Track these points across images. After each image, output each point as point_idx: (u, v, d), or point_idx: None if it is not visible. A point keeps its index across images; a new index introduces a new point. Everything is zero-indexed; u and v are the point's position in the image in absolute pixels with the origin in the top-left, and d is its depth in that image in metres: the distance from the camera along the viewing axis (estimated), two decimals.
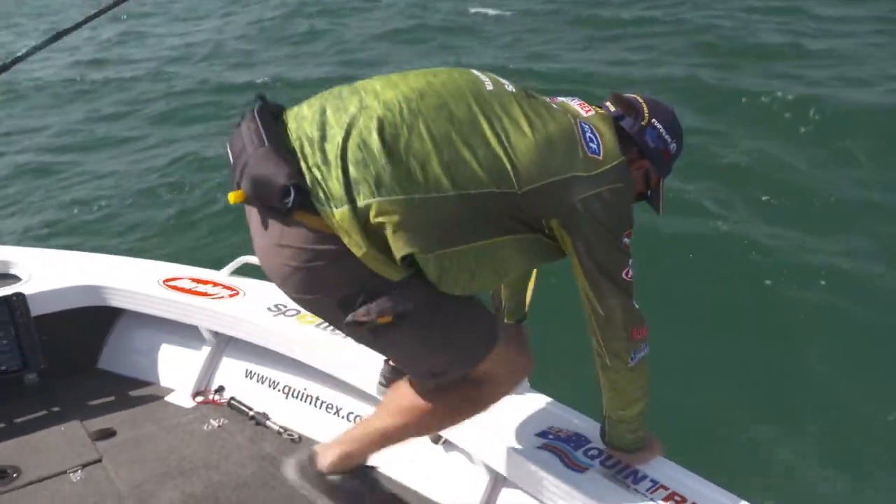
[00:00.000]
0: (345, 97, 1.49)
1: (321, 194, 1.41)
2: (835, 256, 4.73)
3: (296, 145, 1.45)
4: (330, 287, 1.48)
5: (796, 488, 3.12)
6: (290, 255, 1.46)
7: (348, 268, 1.44)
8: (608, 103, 1.69)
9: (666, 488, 1.68)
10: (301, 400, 2.43)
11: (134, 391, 2.61)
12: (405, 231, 1.40)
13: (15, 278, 2.72)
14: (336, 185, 1.40)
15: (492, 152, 1.45)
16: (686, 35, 10.05)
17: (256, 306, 2.49)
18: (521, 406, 1.98)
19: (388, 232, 1.40)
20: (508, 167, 1.45)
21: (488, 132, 1.46)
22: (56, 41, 2.14)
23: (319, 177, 1.42)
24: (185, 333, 2.67)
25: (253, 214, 1.51)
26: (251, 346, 2.50)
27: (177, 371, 2.66)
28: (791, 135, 6.66)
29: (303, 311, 2.23)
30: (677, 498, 1.66)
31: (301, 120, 1.49)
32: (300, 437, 2.33)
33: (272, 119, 1.50)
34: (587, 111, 1.62)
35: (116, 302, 2.68)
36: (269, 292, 2.53)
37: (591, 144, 1.53)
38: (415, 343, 1.57)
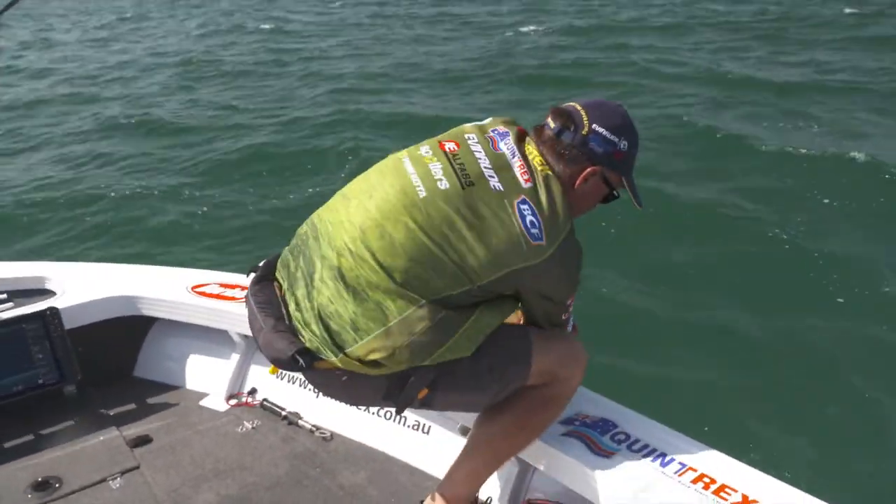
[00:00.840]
0: (310, 248, 1.67)
1: (319, 348, 1.62)
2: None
3: (288, 308, 1.69)
4: (371, 395, 1.71)
5: (827, 470, 3.09)
6: (333, 392, 1.75)
7: (373, 379, 1.64)
8: (549, 119, 1.67)
9: (695, 470, 1.67)
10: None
11: (168, 397, 2.66)
12: (396, 355, 1.55)
13: (50, 293, 2.79)
14: (325, 339, 1.61)
15: (440, 263, 1.53)
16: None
17: None
18: None
19: (382, 362, 1.56)
20: (460, 272, 1.54)
21: (432, 247, 1.53)
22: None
23: (311, 335, 1.63)
24: (216, 338, 2.71)
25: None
26: None
27: (209, 375, 2.70)
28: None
29: None
30: (707, 479, 1.64)
31: (286, 281, 1.72)
32: (332, 434, 2.36)
33: (265, 289, 1.75)
34: (527, 180, 1.57)
35: (148, 310, 2.73)
36: None
37: (532, 230, 1.53)
38: (460, 395, 1.71)
